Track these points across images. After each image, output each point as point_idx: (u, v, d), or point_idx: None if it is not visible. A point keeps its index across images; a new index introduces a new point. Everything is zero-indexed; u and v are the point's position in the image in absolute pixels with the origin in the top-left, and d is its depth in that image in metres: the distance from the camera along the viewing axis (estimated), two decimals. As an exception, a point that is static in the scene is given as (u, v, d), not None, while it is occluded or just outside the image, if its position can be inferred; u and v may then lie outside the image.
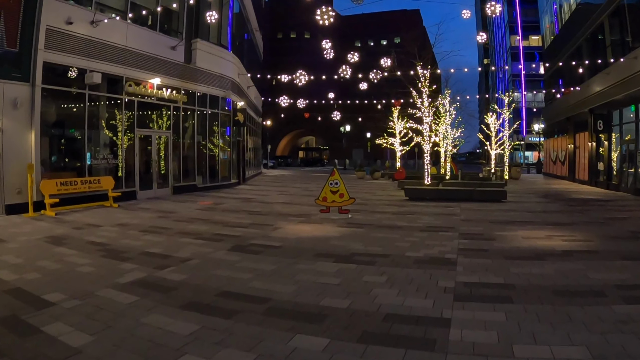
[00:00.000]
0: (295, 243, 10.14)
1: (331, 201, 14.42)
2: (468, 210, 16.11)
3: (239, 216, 14.71)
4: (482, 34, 23.07)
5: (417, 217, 14.25)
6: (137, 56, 19.94)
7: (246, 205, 17.81)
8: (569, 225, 12.51)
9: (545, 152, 47.64)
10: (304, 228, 12.32)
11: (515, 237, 10.55)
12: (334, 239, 10.67)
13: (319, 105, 44.34)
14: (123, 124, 19.44)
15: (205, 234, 11.27)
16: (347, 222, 13.20)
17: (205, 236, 10.90)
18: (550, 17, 41.68)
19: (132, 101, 19.87)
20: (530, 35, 73.21)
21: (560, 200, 19.68)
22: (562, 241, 10.05)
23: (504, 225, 12.55)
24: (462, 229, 11.85)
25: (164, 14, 21.95)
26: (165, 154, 22.27)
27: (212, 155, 26.30)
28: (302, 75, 24.48)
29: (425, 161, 22.99)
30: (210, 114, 25.80)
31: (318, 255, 8.92)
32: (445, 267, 7.80)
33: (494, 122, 35.45)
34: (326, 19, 17.15)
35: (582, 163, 31.27)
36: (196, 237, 10.84)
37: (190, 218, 14.13)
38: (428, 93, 22.46)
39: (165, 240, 10.39)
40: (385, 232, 11.47)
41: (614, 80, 23.76)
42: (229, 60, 27.72)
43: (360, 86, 27.98)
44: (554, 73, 41.19)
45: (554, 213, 15.39)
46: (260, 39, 45.80)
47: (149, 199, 20.13)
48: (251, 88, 36.72)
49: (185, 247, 9.63)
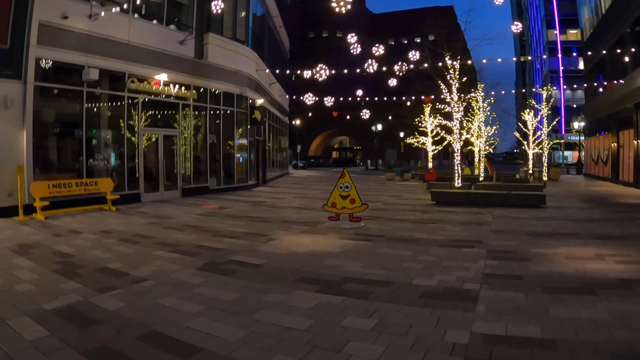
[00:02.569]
0: (281, 261, 8.56)
1: (341, 207, 12.62)
2: (501, 218, 14.10)
3: (238, 223, 13.37)
4: (517, 24, 21.36)
5: (440, 227, 12.29)
6: (141, 51, 18.89)
7: (252, 210, 16.50)
8: (621, 239, 10.41)
9: (586, 152, 45.59)
10: (302, 240, 10.66)
11: (556, 257, 8.54)
12: (331, 256, 8.94)
13: (350, 104, 42.95)
14: (126, 123, 18.48)
15: (186, 245, 10.07)
16: (356, 233, 11.42)
17: (183, 249, 9.69)
18: (590, 7, 39.45)
19: (135, 98, 18.95)
20: (568, 29, 70.96)
21: (605, 206, 17.54)
22: (615, 263, 8.02)
23: (543, 238, 10.51)
24: (491, 244, 9.87)
25: (171, 6, 21.06)
26: (173, 155, 21.24)
27: (226, 155, 25.06)
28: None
29: (455, 161, 21.02)
30: (224, 111, 24.51)
31: (301, 280, 7.27)
32: (462, 306, 5.87)
33: (532, 120, 33.42)
34: (342, 5, 15.78)
35: (627, 163, 29.13)
36: (173, 249, 9.65)
37: (183, 225, 13.01)
38: (458, 86, 20.61)
39: (136, 253, 9.32)
40: (396, 248, 9.61)
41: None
42: (246, 56, 26.28)
43: (389, 82, 26.34)
44: (594, 67, 39.12)
45: (601, 222, 13.23)
46: (285, 35, 44.27)
47: (154, 202, 19.15)
48: (274, 85, 35.19)
49: (151, 262, 8.50)
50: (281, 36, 41.71)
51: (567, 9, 66.98)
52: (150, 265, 8.25)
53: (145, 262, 8.48)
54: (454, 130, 20.85)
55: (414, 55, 21.67)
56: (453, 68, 20.44)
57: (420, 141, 35.74)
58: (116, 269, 7.94)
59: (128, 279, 7.34)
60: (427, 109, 34.78)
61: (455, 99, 20.56)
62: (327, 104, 35.21)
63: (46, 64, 15.47)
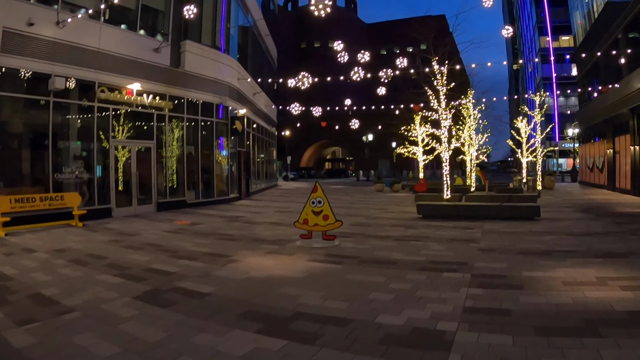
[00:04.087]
0: (232, 290, 7.46)
1: (313, 224, 11.38)
2: (491, 233, 12.87)
3: (203, 242, 12.27)
4: (507, 28, 20.31)
5: (423, 246, 11.03)
6: (113, 59, 18.02)
7: (225, 226, 15.37)
8: (624, 257, 9.19)
9: (581, 159, 44.74)
10: (265, 263, 9.48)
11: (552, 282, 7.30)
12: (291, 283, 7.75)
13: (341, 114, 42.05)
14: (96, 134, 17.66)
15: (136, 268, 9.10)
16: (327, 254, 10.18)
17: (130, 272, 8.72)
18: (582, 12, 38.83)
19: (105, 109, 18.03)
20: (561, 36, 70.69)
21: (604, 216, 16.38)
22: (621, 289, 6.80)
23: (537, 258, 9.26)
24: (478, 267, 8.61)
25: (146, 13, 20.30)
26: (148, 167, 20.21)
27: (206, 167, 23.91)
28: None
29: (444, 172, 19.84)
30: (203, 122, 23.46)
31: (245, 315, 6.14)
32: (430, 357, 4.64)
33: (525, 127, 32.40)
34: (321, 9, 14.75)
35: (624, 170, 28.27)
36: (120, 273, 8.70)
37: (144, 243, 12.02)
38: (446, 92, 19.50)
39: (79, 277, 8.38)
40: (368, 272, 8.36)
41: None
42: (226, 64, 25.20)
43: (378, 91, 25.29)
44: (588, 72, 38.52)
45: (601, 236, 12.01)
46: (272, 44, 43.21)
47: (126, 217, 18.20)
48: (259, 95, 33.98)
49: (89, 288, 7.55)
50: (267, 45, 40.60)
51: (559, 16, 66.84)
52: (86, 292, 7.32)
53: (83, 288, 7.56)
54: (442, 139, 19.69)
55: (402, 62, 20.58)
56: (441, 73, 19.35)
57: (411, 151, 34.58)
58: (48, 296, 7.09)
59: (55, 309, 6.45)
60: (417, 117, 33.69)
61: (443, 106, 19.44)
62: (318, 115, 34.29)
63: (11, 73, 14.78)
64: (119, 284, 7.85)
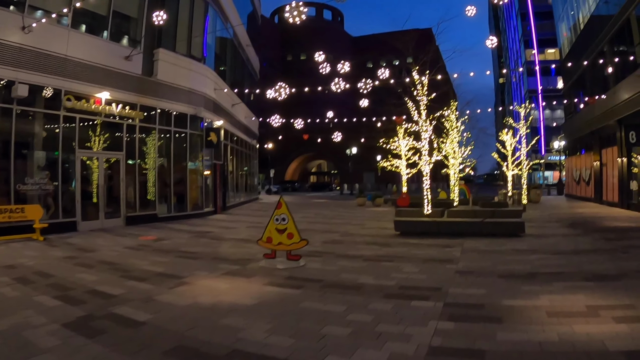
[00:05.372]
0: (170, 318, 6.62)
1: (277, 243, 10.39)
2: (472, 252, 11.91)
3: (161, 260, 11.43)
4: (491, 38, 19.55)
5: (396, 267, 10.02)
6: (81, 67, 17.39)
7: (191, 243, 14.54)
8: (616, 279, 8.28)
9: (567, 172, 44.70)
10: (217, 286, 8.58)
11: (535, 314, 6.34)
12: (238, 312, 6.84)
13: (326, 127, 41.32)
14: (61, 144, 16.97)
15: (79, 289, 8.34)
16: (289, 276, 9.21)
17: (71, 294, 7.98)
18: (568, 25, 38.63)
19: (72, 118, 17.28)
20: (546, 49, 70.93)
21: (592, 232, 15.52)
22: (614, 322, 5.86)
23: (520, 282, 8.29)
24: (452, 293, 7.64)
25: (118, 20, 19.63)
26: (117, 179, 19.47)
27: (179, 180, 22.97)
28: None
29: (424, 186, 18.96)
30: (176, 133, 22.61)
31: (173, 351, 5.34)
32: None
33: (510, 139, 31.67)
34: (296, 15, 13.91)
35: (611, 182, 27.94)
36: (60, 294, 7.97)
37: (98, 261, 11.20)
38: (427, 103, 18.69)
39: (15, 298, 7.76)
40: (329, 300, 7.40)
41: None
42: (202, 74, 24.37)
43: (361, 104, 24.57)
44: (574, 84, 38.37)
45: (590, 254, 11.10)
46: (254, 55, 42.30)
47: (92, 230, 17.39)
48: (238, 107, 32.99)
49: (21, 312, 6.88)
50: (249, 56, 39.68)
51: (545, 29, 67.08)
52: (16, 316, 6.66)
53: (15, 311, 6.89)
54: (423, 152, 18.85)
55: (383, 73, 19.81)
56: (421, 84, 18.56)
57: (394, 164, 33.72)
58: (-28, 319, 6.39)
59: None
60: (401, 130, 32.88)
61: (424, 117, 18.62)
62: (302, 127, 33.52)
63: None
64: (54, 307, 7.13)
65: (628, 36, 24.04)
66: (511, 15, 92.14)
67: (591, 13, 30.87)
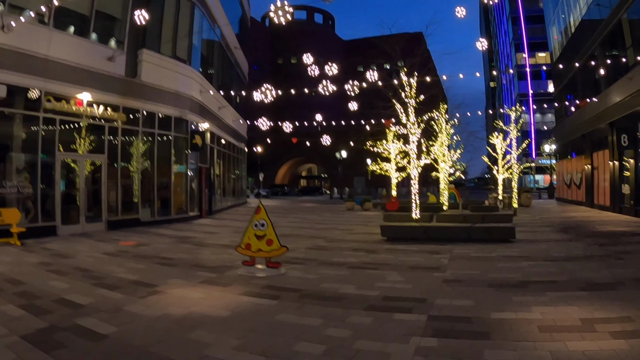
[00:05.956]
0: (136, 331, 6.20)
1: (256, 250, 9.88)
2: (461, 259, 11.44)
3: (138, 267, 10.94)
4: (482, 40, 19.29)
5: (380, 276, 9.51)
6: (62, 67, 16.81)
7: (171, 249, 14.06)
8: (611, 288, 7.84)
9: (558, 175, 44.58)
10: (191, 295, 8.10)
11: (526, 328, 5.86)
12: (209, 324, 6.38)
13: (317, 131, 41.05)
14: (41, 146, 16.53)
15: (47, 298, 7.90)
16: (267, 285, 8.71)
17: (38, 303, 7.54)
18: (559, 28, 38.50)
19: (52, 119, 16.86)
20: (537, 52, 70.95)
21: (585, 236, 15.13)
22: (611, 337, 5.41)
23: (510, 291, 7.82)
24: (438, 304, 7.15)
25: (101, 20, 19.17)
26: (99, 183, 19.09)
27: (163, 184, 22.47)
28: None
29: (412, 189, 18.54)
30: (160, 135, 22.12)
31: None
32: None
33: (501, 142, 31.32)
34: (280, 15, 13.42)
35: (602, 186, 27.72)
36: (26, 303, 7.54)
37: (73, 268, 10.70)
38: (415, 105, 18.30)
39: None
40: (306, 312, 6.92)
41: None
42: (187, 76, 23.89)
43: (350, 107, 24.17)
44: (565, 87, 38.27)
45: (583, 260, 10.67)
46: (242, 58, 41.86)
47: (73, 235, 16.85)
48: (226, 110, 32.49)
49: None
50: (237, 58, 39.22)
51: (536, 33, 67.09)
52: None
53: None
54: (411, 154, 18.45)
55: (372, 75, 19.45)
56: (410, 85, 18.19)
57: (384, 168, 33.30)
58: None
59: None
60: (390, 133, 32.49)
61: (412, 120, 18.22)
62: (294, 131, 33.14)
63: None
64: (18, 317, 6.73)
65: (619, 39, 23.89)
66: (502, 19, 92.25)
67: (582, 16, 30.74)
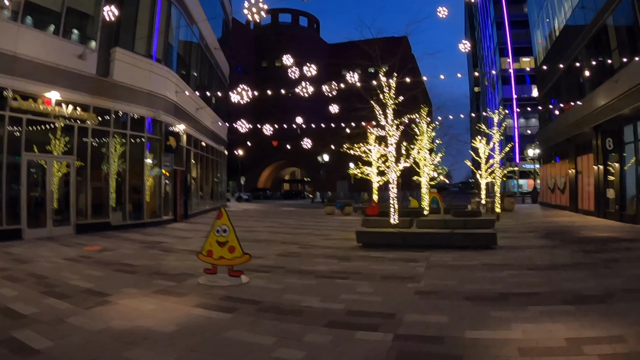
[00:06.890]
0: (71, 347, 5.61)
1: (218, 257, 9.13)
2: (438, 267, 10.73)
3: (95, 274, 10.28)
4: (464, 42, 19.02)
5: (349, 286, 8.78)
6: (30, 65, 16.23)
7: (136, 255, 13.34)
8: (600, 302, 7.15)
9: (542, 180, 44.43)
10: (141, 306, 7.43)
11: (505, 350, 5.15)
12: (151, 341, 5.75)
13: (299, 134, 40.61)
14: (6, 147, 15.94)
15: None
16: (225, 296, 8.00)
17: None
18: (543, 32, 38.38)
19: (19, 119, 16.25)
20: (521, 57, 71.16)
21: (570, 243, 14.53)
22: (603, 361, 4.78)
23: (488, 305, 7.11)
24: (407, 321, 6.43)
25: (72, 16, 18.60)
26: (67, 185, 18.47)
27: (135, 187, 21.73)
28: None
29: (390, 194, 17.93)
30: (133, 137, 21.40)
31: None
32: None
33: (484, 146, 30.85)
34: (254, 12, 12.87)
35: (587, 191, 27.50)
36: None
37: (28, 274, 10.15)
38: (394, 106, 17.74)
39: None
40: (259, 328, 6.19)
41: (625, 88, 19.82)
42: (162, 75, 23.16)
43: (334, 110, 23.62)
44: (549, 91, 38.16)
45: (568, 269, 10.02)
46: (223, 59, 41.03)
47: (39, 239, 16.23)
48: (203, 111, 31.63)
49: None
50: (217, 59, 38.39)
51: (520, 38, 67.31)
52: None
53: None
54: (389, 157, 17.85)
55: (352, 77, 18.95)
56: (389, 86, 17.62)
57: (365, 172, 32.71)
58: None
59: None
60: (371, 136, 31.92)
61: (390, 121, 17.64)
62: (276, 134, 32.57)
63: None
64: None
65: (604, 42, 23.59)
66: (487, 24, 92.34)
67: (566, 20, 30.57)
